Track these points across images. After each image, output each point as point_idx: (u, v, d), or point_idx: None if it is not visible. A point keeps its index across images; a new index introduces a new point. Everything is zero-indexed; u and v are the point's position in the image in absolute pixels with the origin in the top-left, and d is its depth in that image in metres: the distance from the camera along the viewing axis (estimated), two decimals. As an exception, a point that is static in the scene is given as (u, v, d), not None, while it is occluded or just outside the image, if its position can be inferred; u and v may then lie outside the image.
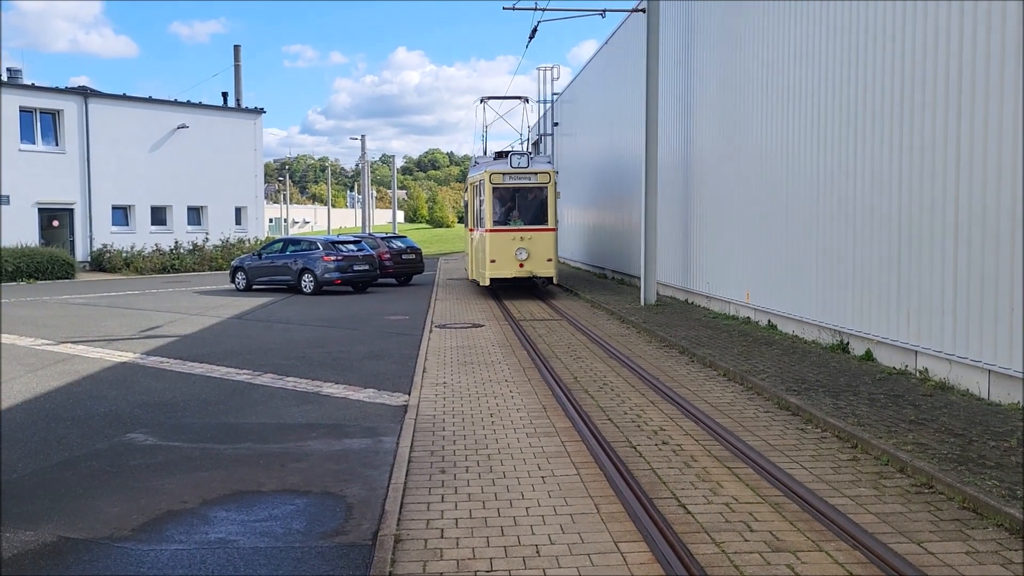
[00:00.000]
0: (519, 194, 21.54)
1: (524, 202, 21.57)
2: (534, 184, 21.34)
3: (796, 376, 9.74)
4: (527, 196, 21.51)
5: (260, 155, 42.36)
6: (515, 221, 21.41)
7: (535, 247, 21.00)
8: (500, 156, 22.82)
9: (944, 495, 5.81)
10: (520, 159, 21.37)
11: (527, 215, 21.48)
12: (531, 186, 21.37)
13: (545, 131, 42.83)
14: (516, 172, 21.23)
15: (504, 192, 21.43)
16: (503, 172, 21.21)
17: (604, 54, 28.41)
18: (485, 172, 21.36)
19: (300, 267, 24.23)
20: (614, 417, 8.34)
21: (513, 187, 21.40)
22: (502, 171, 21.24)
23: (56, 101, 34.35)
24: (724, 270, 16.12)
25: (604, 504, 5.81)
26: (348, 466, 6.91)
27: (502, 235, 21.06)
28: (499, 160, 22.26)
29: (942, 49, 8.98)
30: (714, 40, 16.59)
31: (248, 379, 10.79)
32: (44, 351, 13.25)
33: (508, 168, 21.24)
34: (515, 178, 21.32)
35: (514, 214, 21.56)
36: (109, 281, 30.67)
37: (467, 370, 11.16)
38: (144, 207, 37.34)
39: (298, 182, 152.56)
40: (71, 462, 7.10)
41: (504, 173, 21.20)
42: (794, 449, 7.08)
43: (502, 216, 21.46)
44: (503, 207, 21.54)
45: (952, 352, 8.89)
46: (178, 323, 17.00)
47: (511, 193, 21.51)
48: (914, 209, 9.56)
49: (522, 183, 21.38)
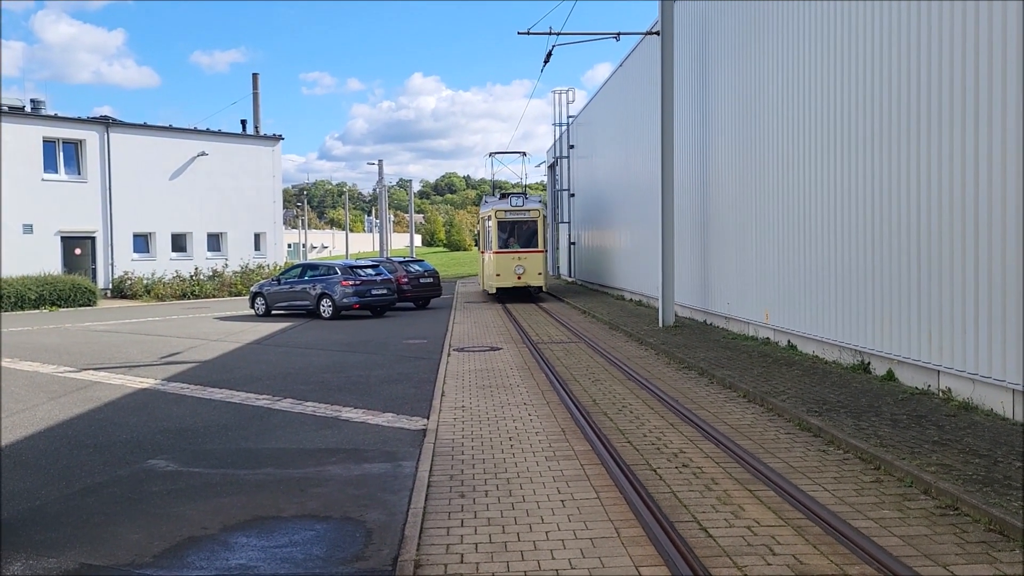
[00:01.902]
0: (516, 226, 28.95)
1: (520, 232, 29.04)
2: (528, 218, 28.89)
3: (817, 397, 9.66)
4: (523, 227, 28.94)
5: (278, 181, 42.73)
6: (514, 245, 28.84)
7: (529, 264, 28.27)
8: (504, 197, 30.53)
9: (970, 517, 5.73)
10: (517, 199, 29.20)
11: (522, 241, 28.91)
12: (526, 220, 28.88)
13: (561, 154, 43.02)
14: (514, 210, 28.89)
15: (505, 224, 28.90)
16: (505, 210, 28.92)
17: (619, 76, 28.54)
18: (492, 209, 29.13)
19: (319, 292, 24.36)
20: (633, 440, 8.30)
21: (512, 220, 28.87)
22: (504, 209, 28.96)
23: (78, 131, 34.89)
24: (742, 290, 16.06)
25: (624, 528, 5.77)
26: (368, 491, 6.91)
27: (504, 256, 28.45)
28: (503, 200, 30.02)
29: (958, 64, 8.97)
30: (729, 60, 16.63)
31: (268, 404, 10.84)
32: (67, 378, 13.36)
33: (509, 207, 28.97)
34: (513, 214, 28.86)
35: (513, 240, 28.97)
36: (130, 308, 30.95)
37: (486, 393, 11.15)
38: (164, 234, 37.72)
39: (316, 207, 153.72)
40: (93, 489, 7.15)
41: (506, 211, 28.89)
42: (816, 471, 7.02)
43: (504, 242, 28.88)
44: (505, 235, 28.98)
45: (975, 371, 8.80)
46: (198, 349, 17.11)
47: (511, 225, 28.95)
48: (934, 226, 9.51)
49: (519, 218, 28.88)
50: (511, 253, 28.45)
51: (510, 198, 29.46)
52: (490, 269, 29.16)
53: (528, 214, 28.89)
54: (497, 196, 32.15)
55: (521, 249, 28.58)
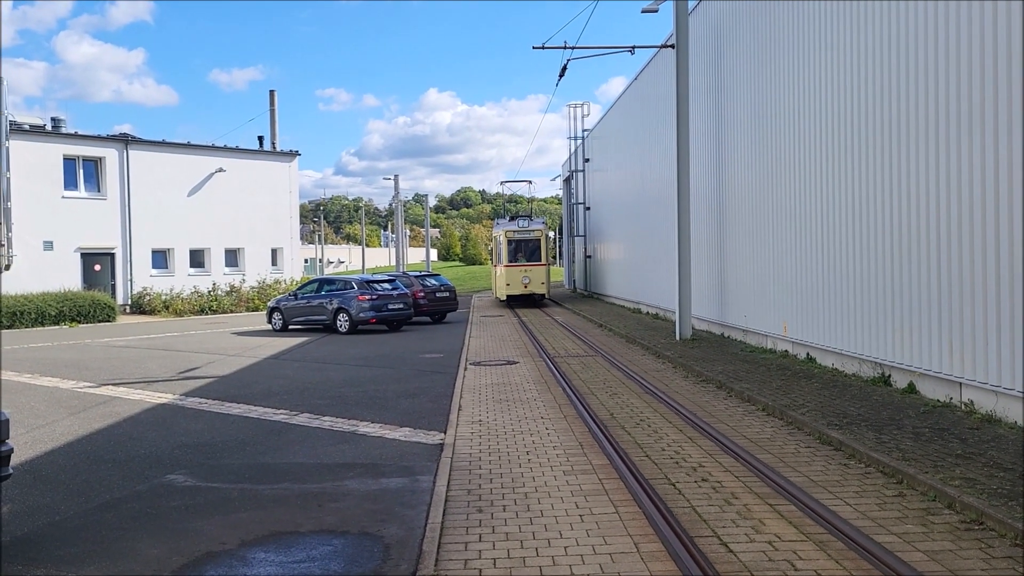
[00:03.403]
0: (523, 243, 34.74)
1: (526, 248, 34.78)
2: (532, 237, 34.85)
3: (837, 410, 9.57)
4: (528, 244, 34.78)
5: (295, 197, 42.95)
6: (521, 260, 34.50)
7: (533, 276, 34.00)
8: (513, 219, 37.31)
9: (995, 531, 5.65)
10: (524, 221, 35.77)
11: (528, 256, 34.61)
12: (530, 238, 34.82)
13: (576, 167, 43.12)
14: (521, 230, 34.98)
15: (514, 242, 34.70)
16: (513, 230, 34.98)
17: (633, 90, 28.57)
18: (503, 230, 35.33)
19: (335, 307, 24.43)
20: (652, 454, 8.25)
21: (519, 239, 34.76)
22: (513, 229, 35.01)
23: (98, 149, 35.24)
24: (760, 302, 15.97)
25: (644, 543, 5.72)
26: (385, 506, 6.89)
27: (513, 269, 34.14)
28: (512, 221, 36.36)
29: (976, 72, 8.91)
30: (744, 72, 16.61)
31: (285, 419, 10.85)
32: (86, 393, 13.45)
33: (516, 228, 35.06)
34: (520, 234, 34.85)
35: (520, 256, 34.63)
36: (149, 323, 31.15)
37: (503, 407, 11.13)
38: (183, 250, 37.99)
39: (333, 222, 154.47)
40: (112, 504, 7.17)
41: (514, 231, 34.95)
42: (837, 485, 6.94)
43: (513, 257, 34.59)
44: (513, 251, 34.69)
45: (998, 383, 8.69)
46: (216, 364, 17.18)
47: (518, 243, 34.71)
48: (954, 236, 9.42)
49: (525, 236, 34.83)
50: (519, 266, 34.07)
51: (518, 220, 36.15)
52: (501, 280, 34.83)
53: (532, 233, 34.86)
54: (507, 218, 38.73)
55: (527, 263, 34.24)
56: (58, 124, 36.27)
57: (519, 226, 35.07)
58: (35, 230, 32.61)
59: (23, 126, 33.39)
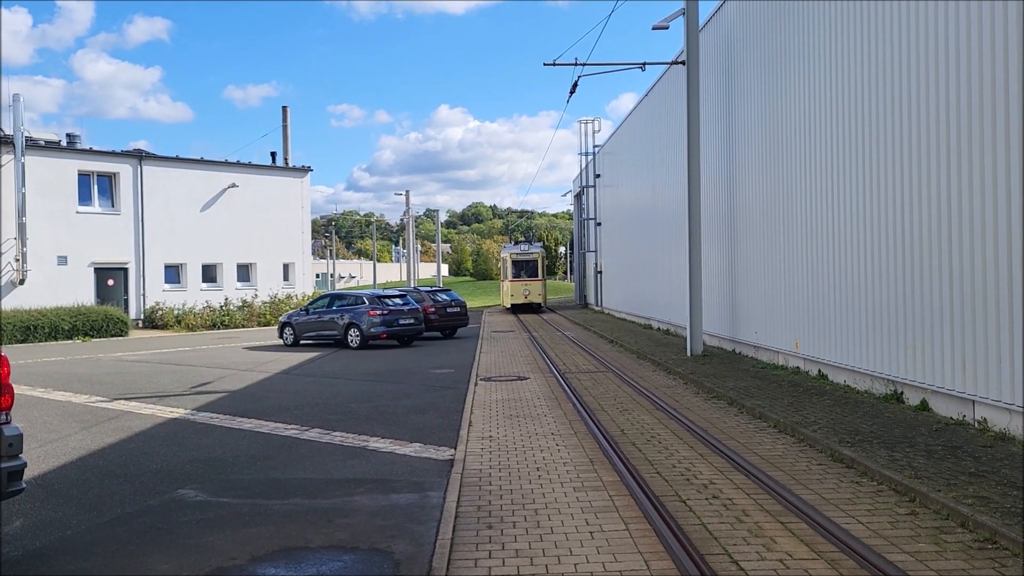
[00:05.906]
0: (524, 263, 44.58)
1: (526, 267, 44.60)
2: (531, 258, 44.70)
3: (849, 427, 9.52)
4: (528, 264, 44.59)
5: (307, 212, 43.17)
6: (522, 276, 44.26)
7: (532, 288, 44.17)
8: (516, 243, 49.60)
9: (1008, 551, 5.60)
10: (524, 245, 46.91)
11: (528, 273, 44.42)
12: (529, 259, 44.65)
13: (587, 183, 43.22)
14: (522, 252, 45.11)
15: (516, 262, 44.57)
16: (516, 253, 45.22)
17: (644, 106, 28.64)
18: (508, 252, 45.95)
19: (346, 322, 24.49)
20: (662, 471, 8.22)
21: (521, 259, 44.66)
22: (516, 252, 45.33)
23: (112, 164, 35.54)
24: (772, 319, 15.92)
25: (654, 560, 5.70)
26: (395, 521, 6.89)
27: (516, 283, 44.36)
28: (515, 245, 47.72)
29: (988, 88, 8.90)
30: (755, 88, 16.64)
31: (296, 434, 10.87)
32: (98, 408, 13.51)
33: (519, 251, 45.49)
34: (522, 255, 44.81)
35: (522, 272, 44.37)
36: (161, 338, 31.29)
37: (513, 423, 11.11)
38: (195, 265, 38.20)
39: (344, 238, 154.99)
40: (124, 519, 7.19)
41: (517, 253, 45.09)
42: (849, 503, 6.90)
43: (515, 274, 44.50)
44: (516, 269, 44.56)
45: (1012, 401, 8.63)
46: (227, 379, 17.24)
47: (520, 263, 44.57)
48: (966, 253, 9.39)
49: (525, 258, 44.70)
50: (520, 281, 44.24)
51: (520, 244, 47.84)
52: (506, 292, 45.56)
53: (531, 255, 44.82)
54: (512, 243, 50.76)
55: (527, 278, 44.27)
56: (73, 140, 36.64)
57: (521, 249, 45.77)
58: (49, 245, 32.93)
59: (39, 142, 33.75)
